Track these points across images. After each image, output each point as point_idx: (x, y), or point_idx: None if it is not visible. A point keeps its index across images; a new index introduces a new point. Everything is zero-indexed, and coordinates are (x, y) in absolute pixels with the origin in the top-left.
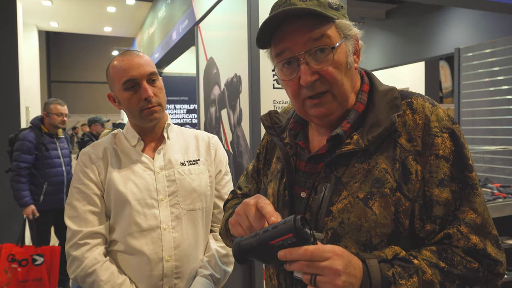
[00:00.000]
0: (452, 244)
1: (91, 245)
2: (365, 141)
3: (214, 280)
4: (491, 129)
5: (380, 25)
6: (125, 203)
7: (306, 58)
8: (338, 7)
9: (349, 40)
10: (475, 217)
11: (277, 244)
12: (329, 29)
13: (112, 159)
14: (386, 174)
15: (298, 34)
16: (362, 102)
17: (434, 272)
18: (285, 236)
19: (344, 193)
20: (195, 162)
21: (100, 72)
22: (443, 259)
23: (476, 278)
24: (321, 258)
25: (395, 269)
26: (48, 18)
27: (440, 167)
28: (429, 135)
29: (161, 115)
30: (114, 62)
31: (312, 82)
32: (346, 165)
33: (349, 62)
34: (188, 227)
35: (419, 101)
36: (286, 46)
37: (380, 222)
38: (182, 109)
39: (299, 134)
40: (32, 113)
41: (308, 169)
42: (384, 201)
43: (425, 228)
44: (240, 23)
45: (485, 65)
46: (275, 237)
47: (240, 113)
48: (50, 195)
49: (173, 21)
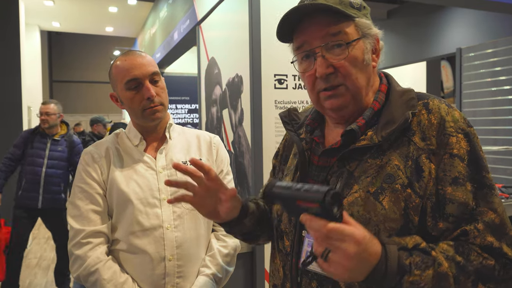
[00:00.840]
0: (468, 241)
1: (93, 244)
2: (379, 137)
3: (216, 279)
4: (493, 129)
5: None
6: (128, 202)
7: (322, 51)
8: (360, 7)
9: (367, 38)
10: (494, 217)
11: (303, 207)
12: (348, 27)
13: (114, 159)
14: (398, 171)
15: (316, 29)
16: (379, 101)
17: (450, 265)
18: (312, 204)
19: (355, 187)
20: None
21: (102, 72)
22: (459, 253)
23: (491, 276)
24: (338, 237)
25: (413, 258)
26: (50, 18)
27: (454, 166)
28: (444, 135)
29: (163, 114)
30: (116, 62)
31: (327, 75)
32: (359, 160)
33: (365, 59)
34: (190, 226)
35: (435, 102)
36: (305, 40)
37: (389, 216)
38: (183, 109)
39: (315, 130)
40: (34, 112)
41: (322, 163)
42: (394, 196)
43: (438, 226)
44: (242, 23)
45: (487, 65)
46: (304, 200)
47: (241, 113)
48: (26, 191)
49: (175, 21)
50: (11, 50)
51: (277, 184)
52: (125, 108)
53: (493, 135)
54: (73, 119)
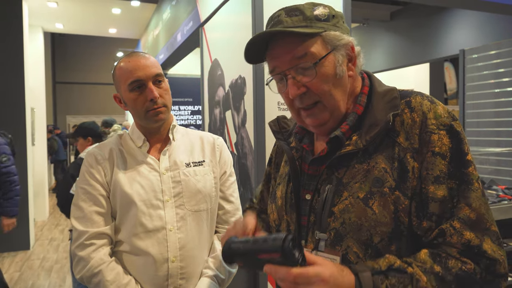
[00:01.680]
0: (445, 241)
1: (97, 245)
2: (363, 141)
3: (219, 281)
4: (496, 131)
5: (384, 27)
6: (131, 204)
7: (292, 73)
8: (328, 17)
9: (339, 50)
10: (469, 212)
11: (265, 258)
12: (313, 45)
13: (118, 160)
14: (386, 174)
15: (283, 53)
16: (361, 104)
17: (429, 279)
18: (273, 253)
19: (345, 194)
20: (200, 164)
21: (105, 73)
22: (437, 263)
23: (472, 280)
24: (305, 282)
25: (389, 280)
26: (54, 20)
27: (436, 164)
28: (426, 132)
29: (166, 116)
30: (120, 64)
31: (300, 95)
32: (346, 166)
33: (338, 72)
34: (193, 228)
35: (418, 99)
36: (275, 65)
37: (380, 221)
38: (186, 111)
39: (304, 137)
40: (37, 114)
41: (312, 171)
42: (383, 200)
43: (422, 225)
44: (245, 24)
45: (490, 67)
46: (263, 252)
47: (244, 114)
48: None
49: (178, 22)
50: (14, 51)
51: (234, 241)
52: (128, 110)
53: (496, 137)
54: (76, 121)
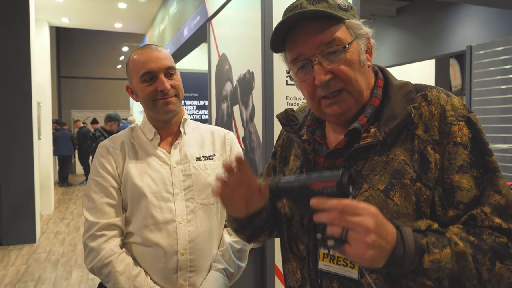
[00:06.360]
0: (477, 225)
1: (107, 236)
2: (382, 133)
3: (228, 274)
4: (503, 127)
5: (391, 23)
6: (141, 196)
7: (319, 59)
8: (347, 8)
9: (360, 39)
10: (500, 199)
11: (317, 190)
12: (340, 30)
13: (129, 152)
14: (405, 166)
15: (310, 39)
16: (378, 96)
17: (465, 245)
18: (327, 183)
19: (365, 186)
20: (210, 157)
21: (110, 68)
22: (472, 234)
23: (506, 253)
24: (353, 212)
25: (428, 238)
26: (60, 14)
27: (459, 154)
28: (446, 124)
29: (176, 107)
30: (133, 56)
31: (327, 81)
32: (365, 159)
33: (361, 60)
34: (203, 221)
35: (434, 92)
36: (301, 52)
37: (402, 212)
38: (192, 105)
39: (316, 130)
40: (44, 108)
41: (328, 164)
42: (404, 192)
43: (448, 214)
44: (254, 19)
45: (497, 63)
46: (318, 181)
47: (252, 109)
48: None
49: (185, 17)
50: (21, 46)
51: (281, 179)
52: (139, 101)
53: (503, 133)
54: (81, 115)
